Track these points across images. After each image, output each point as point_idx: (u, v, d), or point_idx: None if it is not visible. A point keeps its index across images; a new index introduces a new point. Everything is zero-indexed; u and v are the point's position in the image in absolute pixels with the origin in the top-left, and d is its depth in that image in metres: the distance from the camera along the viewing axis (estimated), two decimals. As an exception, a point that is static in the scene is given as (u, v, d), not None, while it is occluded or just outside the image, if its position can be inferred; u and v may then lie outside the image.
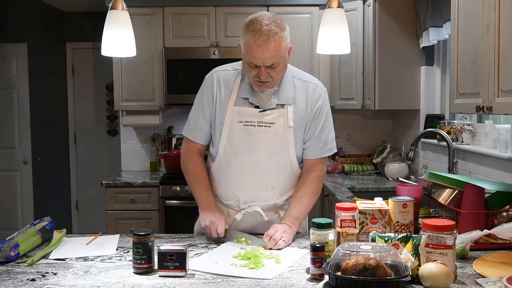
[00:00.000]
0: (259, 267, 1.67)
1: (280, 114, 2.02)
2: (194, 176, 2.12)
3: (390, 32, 3.85)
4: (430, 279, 1.45)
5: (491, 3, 1.96)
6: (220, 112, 2.05)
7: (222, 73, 2.09)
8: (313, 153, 2.10)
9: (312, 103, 2.06)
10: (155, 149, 4.66)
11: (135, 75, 4.37)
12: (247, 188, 2.06)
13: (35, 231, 1.91)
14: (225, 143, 2.04)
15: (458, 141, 3.16)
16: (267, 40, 1.86)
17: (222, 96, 2.06)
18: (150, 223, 4.06)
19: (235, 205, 2.10)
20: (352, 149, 4.72)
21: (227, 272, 1.63)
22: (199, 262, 1.74)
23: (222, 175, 2.10)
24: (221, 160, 2.07)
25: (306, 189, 2.07)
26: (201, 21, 4.34)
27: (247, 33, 1.91)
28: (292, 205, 2.05)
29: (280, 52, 1.91)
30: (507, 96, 1.86)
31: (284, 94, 2.03)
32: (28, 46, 5.21)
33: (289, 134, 2.03)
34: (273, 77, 1.96)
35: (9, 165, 5.28)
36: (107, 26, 2.35)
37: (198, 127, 2.11)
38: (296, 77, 2.08)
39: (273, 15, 1.94)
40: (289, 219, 2.00)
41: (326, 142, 2.10)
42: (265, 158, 2.03)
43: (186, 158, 2.15)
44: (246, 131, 2.02)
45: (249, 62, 1.93)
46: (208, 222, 1.97)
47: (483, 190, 1.97)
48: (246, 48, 1.92)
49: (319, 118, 2.08)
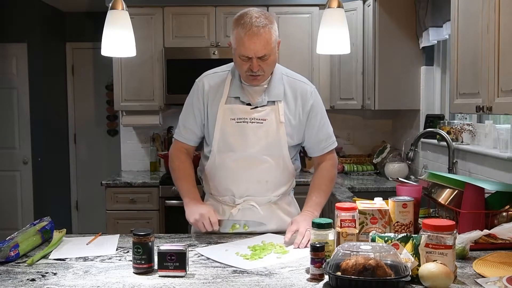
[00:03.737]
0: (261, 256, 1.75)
1: (271, 110, 2.07)
2: (179, 173, 2.16)
3: (390, 32, 3.85)
4: (430, 279, 1.45)
5: (491, 3, 1.96)
6: (212, 113, 2.09)
7: (212, 76, 2.15)
8: (317, 150, 2.18)
9: (303, 102, 2.11)
10: (155, 149, 4.66)
11: (135, 75, 4.37)
12: (241, 183, 2.10)
13: (35, 231, 1.91)
14: (218, 140, 2.08)
15: (458, 141, 3.16)
16: (257, 31, 1.93)
17: (213, 97, 2.10)
18: (150, 223, 4.06)
19: (230, 200, 2.13)
20: (352, 149, 4.72)
21: (226, 260, 1.70)
22: (211, 248, 1.86)
23: (216, 172, 2.12)
24: (215, 157, 2.10)
25: (321, 177, 2.16)
26: (201, 21, 4.34)
27: (237, 27, 1.97)
28: (311, 193, 2.13)
29: (270, 43, 1.96)
30: (507, 96, 1.86)
31: (274, 91, 2.08)
32: (28, 46, 5.21)
33: (281, 130, 2.07)
34: (264, 70, 2.01)
35: (9, 165, 5.28)
36: (107, 26, 2.35)
37: (188, 129, 2.16)
38: (285, 75, 2.13)
39: (261, 10, 2.01)
40: (311, 205, 2.07)
41: (329, 136, 2.18)
42: (258, 154, 2.07)
43: (173, 156, 2.20)
44: (238, 127, 2.06)
45: (240, 55, 1.98)
46: (198, 215, 1.98)
47: (483, 190, 1.97)
48: (238, 41, 1.97)
49: (314, 117, 2.13)
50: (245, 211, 2.11)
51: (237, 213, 2.11)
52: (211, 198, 2.19)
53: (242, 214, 2.11)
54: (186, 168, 2.17)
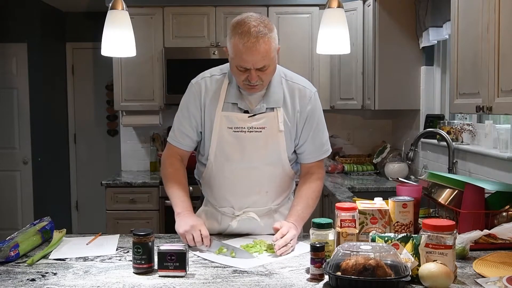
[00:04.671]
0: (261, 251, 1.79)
1: (270, 118, 1.97)
2: (172, 181, 2.04)
3: (390, 32, 3.85)
4: (430, 279, 1.45)
5: (491, 3, 1.96)
6: (209, 119, 2.00)
7: (209, 79, 2.03)
8: (310, 156, 2.07)
9: (301, 107, 2.01)
10: (155, 149, 4.66)
11: (135, 75, 4.37)
12: (240, 194, 2.03)
13: (35, 231, 1.91)
14: (215, 150, 2.00)
15: (458, 141, 3.16)
16: (256, 42, 1.80)
17: (209, 103, 2.00)
18: (150, 223, 4.06)
19: (229, 211, 2.06)
20: (352, 149, 4.71)
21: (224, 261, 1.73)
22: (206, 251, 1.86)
23: (214, 182, 2.05)
24: (212, 166, 2.03)
25: (309, 190, 2.05)
26: (201, 21, 4.34)
27: (235, 36, 1.83)
28: (297, 204, 2.02)
29: (270, 53, 1.84)
30: (507, 96, 1.86)
31: (273, 97, 1.98)
32: (28, 46, 5.21)
33: (280, 138, 1.99)
34: (263, 79, 1.90)
35: (9, 165, 5.28)
36: (107, 26, 2.35)
37: (183, 133, 2.04)
38: (285, 78, 2.03)
39: (260, 16, 1.88)
40: (295, 218, 1.96)
41: (322, 144, 2.07)
42: (257, 164, 1.99)
43: (166, 162, 2.09)
44: (236, 137, 1.97)
45: (238, 66, 1.86)
46: (188, 227, 1.87)
47: (483, 190, 1.97)
48: (235, 51, 1.84)
49: (310, 122, 2.03)
50: (244, 222, 2.05)
51: (237, 225, 2.05)
52: (210, 206, 2.12)
53: (242, 225, 2.05)
54: (180, 176, 2.05)
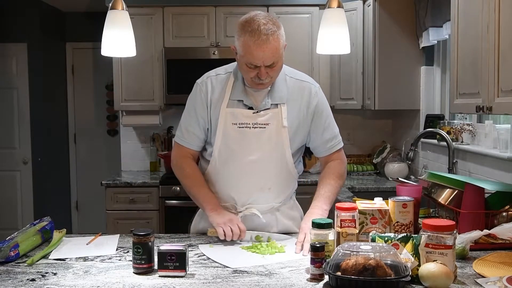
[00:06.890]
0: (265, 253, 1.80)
1: (274, 114, 2.02)
2: (194, 181, 2.08)
3: (390, 32, 3.85)
4: (430, 279, 1.45)
5: (491, 3, 1.96)
6: (215, 116, 2.03)
7: (214, 78, 2.07)
8: (324, 150, 2.14)
9: (307, 103, 2.06)
10: (155, 149, 4.66)
11: (135, 75, 4.37)
12: (243, 191, 2.05)
13: (35, 231, 1.91)
14: (219, 146, 2.03)
15: (458, 141, 3.16)
16: (266, 39, 1.85)
17: (215, 100, 2.04)
18: (150, 223, 4.06)
19: (232, 208, 2.08)
20: (352, 149, 4.71)
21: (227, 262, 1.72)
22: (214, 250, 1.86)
23: (218, 178, 2.08)
24: (216, 162, 2.05)
25: (329, 173, 2.11)
26: (201, 21, 4.34)
27: (245, 34, 1.88)
28: (319, 188, 2.08)
29: (279, 50, 1.90)
30: (507, 96, 1.86)
31: (278, 93, 2.03)
32: (28, 46, 5.21)
33: (284, 134, 2.02)
34: (272, 76, 1.95)
35: (9, 165, 5.28)
36: (107, 26, 2.35)
37: (191, 133, 2.08)
38: (289, 75, 2.08)
39: (268, 14, 1.94)
40: (319, 200, 2.02)
41: (333, 136, 2.13)
42: (260, 160, 2.02)
43: (182, 164, 2.11)
44: (240, 133, 2.01)
45: (248, 63, 1.91)
46: (227, 220, 1.95)
47: (483, 190, 1.97)
48: (245, 49, 1.89)
49: (319, 117, 2.08)
50: (246, 218, 2.06)
51: None
52: None
53: (244, 222, 2.05)
54: (199, 175, 2.09)
